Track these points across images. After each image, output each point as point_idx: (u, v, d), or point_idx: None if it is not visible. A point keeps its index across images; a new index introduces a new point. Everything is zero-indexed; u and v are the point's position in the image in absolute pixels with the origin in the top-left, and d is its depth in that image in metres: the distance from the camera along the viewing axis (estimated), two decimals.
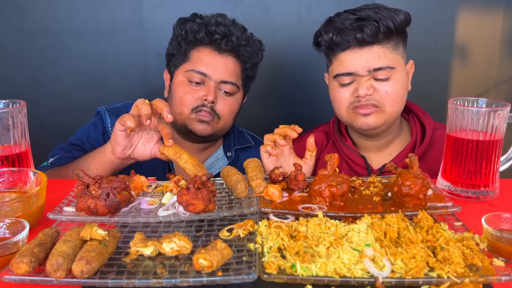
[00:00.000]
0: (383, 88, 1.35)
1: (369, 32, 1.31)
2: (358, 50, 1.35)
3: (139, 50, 2.10)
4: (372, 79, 1.35)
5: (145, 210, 1.02)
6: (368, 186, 1.13)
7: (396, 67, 1.36)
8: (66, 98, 2.17)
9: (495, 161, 1.12)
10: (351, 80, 1.38)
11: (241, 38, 1.49)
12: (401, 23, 1.34)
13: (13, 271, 0.76)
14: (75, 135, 1.58)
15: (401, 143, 1.52)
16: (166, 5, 2.05)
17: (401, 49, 1.39)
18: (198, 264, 0.76)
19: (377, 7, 1.35)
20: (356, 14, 1.34)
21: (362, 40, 1.33)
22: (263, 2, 2.05)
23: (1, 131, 1.14)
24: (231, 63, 1.51)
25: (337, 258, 0.78)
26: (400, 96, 1.38)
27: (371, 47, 1.34)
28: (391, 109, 1.37)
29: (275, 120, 2.20)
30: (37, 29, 2.08)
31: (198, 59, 1.49)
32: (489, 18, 2.09)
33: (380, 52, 1.34)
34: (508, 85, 2.18)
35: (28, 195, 0.95)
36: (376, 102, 1.36)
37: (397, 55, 1.37)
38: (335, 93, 1.43)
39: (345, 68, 1.37)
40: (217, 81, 1.48)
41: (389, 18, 1.32)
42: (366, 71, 1.34)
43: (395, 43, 1.37)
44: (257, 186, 1.06)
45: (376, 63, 1.34)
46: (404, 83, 1.40)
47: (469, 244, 0.82)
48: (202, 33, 1.47)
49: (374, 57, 1.34)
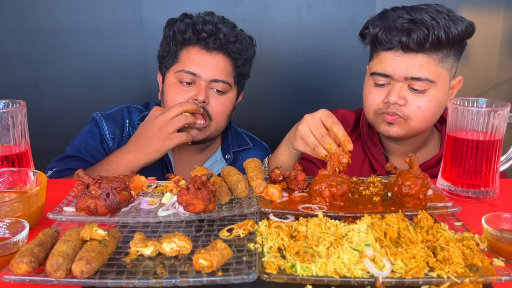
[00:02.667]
0: (416, 102, 1.28)
1: (415, 39, 1.23)
2: (401, 54, 1.27)
3: (139, 50, 2.10)
4: (407, 88, 1.29)
5: (145, 210, 1.02)
6: (368, 186, 1.13)
7: (436, 82, 1.27)
8: (66, 98, 2.17)
9: (495, 161, 1.12)
10: (386, 81, 1.32)
11: (229, 35, 1.47)
12: (457, 36, 1.25)
13: (13, 271, 0.76)
14: (72, 146, 1.55)
15: (429, 152, 1.46)
16: (166, 5, 2.05)
17: (449, 63, 1.30)
18: (198, 264, 0.76)
19: (438, 11, 1.25)
20: (412, 14, 1.25)
21: (406, 45, 1.25)
22: (263, 2, 2.05)
23: (1, 131, 1.14)
24: (221, 61, 1.49)
25: (337, 258, 0.78)
26: (432, 113, 1.31)
27: (415, 55, 1.26)
28: (418, 125, 1.32)
29: (275, 120, 2.22)
30: (37, 30, 2.08)
31: (187, 59, 1.48)
32: (489, 18, 2.09)
33: (423, 61, 1.26)
34: (508, 85, 2.18)
35: (28, 195, 0.95)
36: (403, 115, 1.30)
37: (442, 69, 1.28)
38: (368, 91, 1.37)
39: (383, 69, 1.30)
40: (208, 80, 1.46)
41: (444, 28, 1.23)
42: (403, 77, 1.28)
43: (444, 55, 1.27)
44: (257, 186, 1.06)
45: (415, 72, 1.26)
46: (441, 100, 1.31)
47: (469, 244, 0.82)
48: (190, 32, 1.46)
49: (415, 65, 1.26)
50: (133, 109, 1.64)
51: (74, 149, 1.53)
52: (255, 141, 1.75)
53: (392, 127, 1.34)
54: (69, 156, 1.51)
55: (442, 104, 1.34)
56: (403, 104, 1.30)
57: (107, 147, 1.56)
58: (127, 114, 1.61)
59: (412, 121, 1.31)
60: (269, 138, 1.86)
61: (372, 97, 1.35)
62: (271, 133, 2.08)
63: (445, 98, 1.33)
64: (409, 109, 1.30)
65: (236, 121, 1.80)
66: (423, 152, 1.47)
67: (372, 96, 1.35)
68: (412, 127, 1.33)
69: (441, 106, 1.33)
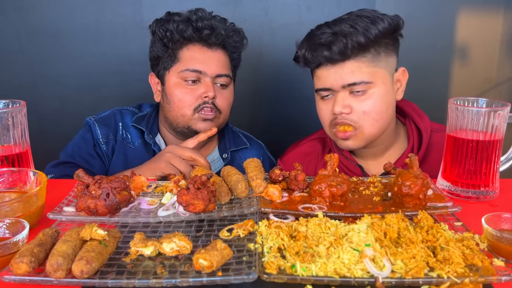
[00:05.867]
0: (360, 108, 1.31)
1: (336, 50, 1.27)
2: (331, 66, 1.31)
3: (139, 50, 2.10)
4: (349, 95, 1.32)
5: (145, 210, 1.02)
6: (368, 186, 1.13)
7: (373, 81, 1.30)
8: (66, 98, 2.17)
9: (495, 161, 1.12)
10: (329, 93, 1.35)
11: (227, 30, 1.49)
12: (379, 34, 1.28)
13: (13, 271, 0.76)
14: (65, 152, 1.54)
15: (398, 149, 1.48)
16: (166, 5, 2.05)
17: (382, 60, 1.32)
18: (198, 264, 0.76)
19: (358, 16, 1.29)
20: (332, 28, 1.30)
21: (331, 58, 1.29)
22: (263, 2, 2.05)
23: (1, 131, 1.14)
24: (221, 56, 1.51)
25: (337, 258, 0.78)
26: (380, 113, 1.33)
27: (344, 63, 1.30)
28: (371, 129, 1.34)
29: (274, 120, 2.22)
30: (37, 30, 2.08)
31: (190, 57, 1.48)
32: (489, 18, 2.09)
33: (353, 67, 1.29)
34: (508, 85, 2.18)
35: (28, 195, 0.95)
36: (353, 122, 1.32)
37: (376, 68, 1.31)
38: (318, 107, 1.42)
39: (322, 84, 1.35)
40: (213, 76, 1.48)
41: (363, 32, 1.26)
42: (341, 86, 1.31)
43: (373, 55, 1.30)
44: (257, 186, 1.06)
45: (349, 79, 1.29)
46: (387, 98, 1.34)
47: (469, 244, 0.82)
48: (190, 30, 1.46)
49: (347, 73, 1.29)
50: (126, 112, 1.64)
51: (67, 155, 1.53)
52: (251, 140, 1.75)
53: (348, 142, 1.36)
54: (63, 162, 1.51)
55: (389, 101, 1.35)
56: (349, 112, 1.32)
57: (100, 152, 1.56)
58: (119, 117, 1.61)
59: (364, 127, 1.33)
60: (268, 138, 1.86)
61: (323, 112, 1.39)
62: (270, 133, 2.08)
63: (390, 94, 1.36)
64: (356, 116, 1.32)
65: (235, 121, 1.80)
66: (394, 149, 1.48)
67: (323, 112, 1.39)
68: (366, 134, 1.34)
69: (388, 103, 1.35)
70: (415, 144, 1.43)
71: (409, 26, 1.67)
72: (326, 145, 1.56)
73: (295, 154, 1.57)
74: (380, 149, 1.46)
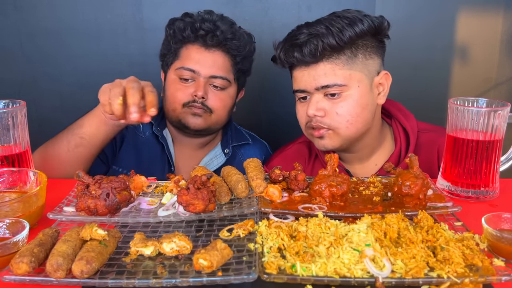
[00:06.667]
0: (334, 110, 1.29)
1: (307, 52, 1.25)
2: (304, 68, 1.30)
3: (139, 50, 2.10)
4: (324, 97, 1.30)
5: (145, 210, 1.02)
6: (368, 186, 1.13)
7: (348, 84, 1.27)
8: (66, 98, 2.17)
9: (495, 161, 1.12)
10: (305, 95, 1.34)
11: (226, 32, 1.49)
12: (354, 36, 1.25)
13: (13, 271, 0.76)
14: None
15: (385, 151, 1.45)
16: (166, 5, 2.05)
17: (359, 63, 1.29)
18: (198, 264, 0.76)
19: (338, 16, 1.27)
20: (309, 29, 1.28)
21: (302, 60, 1.28)
22: (263, 2, 2.05)
23: (1, 131, 1.14)
24: (219, 58, 1.51)
25: (337, 258, 0.78)
26: (354, 117, 1.29)
27: (317, 65, 1.28)
28: (346, 131, 1.31)
29: (275, 121, 2.22)
30: (37, 29, 2.08)
31: (187, 56, 1.51)
32: (489, 18, 2.09)
33: (326, 69, 1.27)
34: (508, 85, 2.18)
35: (28, 195, 0.95)
36: (327, 125, 1.31)
37: (351, 71, 1.28)
38: (296, 109, 1.41)
39: (297, 85, 1.34)
40: (206, 77, 1.49)
41: (337, 33, 1.23)
42: (314, 88, 1.29)
43: (348, 57, 1.27)
44: (257, 186, 1.06)
45: (322, 81, 1.27)
46: (362, 100, 1.29)
47: (469, 244, 0.82)
48: (188, 30, 1.49)
49: (320, 75, 1.27)
50: None
51: None
52: (255, 138, 1.77)
53: (324, 140, 1.34)
54: None
55: (365, 104, 1.31)
56: (323, 116, 1.30)
57: None
58: None
59: (339, 129, 1.31)
60: (269, 138, 1.86)
61: (300, 114, 1.39)
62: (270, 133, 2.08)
63: (367, 97, 1.31)
64: (330, 119, 1.30)
65: (236, 120, 1.80)
66: (381, 152, 1.45)
67: (300, 113, 1.39)
68: (342, 135, 1.32)
69: (364, 107, 1.31)
70: (403, 145, 1.40)
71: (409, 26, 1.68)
72: (313, 149, 1.53)
73: (281, 159, 1.56)
74: (366, 153, 1.44)
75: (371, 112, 1.34)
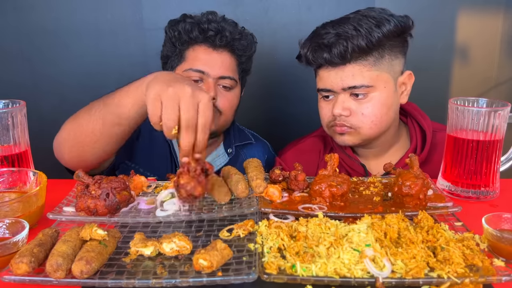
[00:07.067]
0: (360, 111, 1.30)
1: (336, 53, 1.25)
2: (332, 68, 1.30)
3: (139, 50, 2.10)
4: (350, 97, 1.30)
5: (145, 210, 1.02)
6: (368, 186, 1.13)
7: (375, 85, 1.28)
8: (66, 98, 2.17)
9: (495, 161, 1.12)
10: (330, 94, 1.35)
11: (234, 32, 1.49)
12: (382, 38, 1.25)
13: (12, 271, 0.76)
14: None
15: (401, 148, 1.48)
16: (166, 5, 2.05)
17: (385, 64, 1.29)
18: (198, 264, 0.76)
19: (364, 16, 1.26)
20: (336, 28, 1.27)
21: (330, 61, 1.27)
22: (263, 2, 2.05)
23: (1, 131, 1.14)
24: (227, 58, 1.51)
25: (337, 258, 0.78)
26: (379, 117, 1.31)
27: (345, 66, 1.28)
28: (368, 131, 1.33)
29: (275, 121, 2.22)
30: (37, 29, 2.08)
31: (194, 57, 1.49)
32: (489, 18, 2.09)
33: (354, 70, 1.27)
34: (508, 85, 2.18)
35: (28, 195, 0.95)
36: (350, 125, 1.32)
37: (377, 72, 1.28)
38: (320, 107, 1.41)
39: (323, 84, 1.34)
40: (216, 77, 1.48)
41: (365, 35, 1.23)
42: (341, 88, 1.30)
43: (376, 59, 1.27)
44: (257, 186, 1.06)
45: (350, 82, 1.28)
46: (387, 101, 1.31)
47: (469, 244, 0.82)
48: (196, 31, 1.47)
49: (348, 76, 1.28)
50: None
51: None
52: (257, 138, 1.77)
53: (344, 137, 1.36)
54: None
55: (390, 104, 1.33)
56: (348, 115, 1.31)
57: None
58: None
59: (362, 129, 1.33)
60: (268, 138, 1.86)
61: (323, 112, 1.39)
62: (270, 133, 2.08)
63: (392, 97, 1.33)
64: (355, 119, 1.31)
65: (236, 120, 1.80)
66: (396, 149, 1.47)
67: (323, 111, 1.39)
68: (363, 134, 1.34)
69: (389, 107, 1.32)
70: (419, 143, 1.43)
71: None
72: (327, 142, 1.55)
73: (295, 151, 1.56)
74: (383, 149, 1.46)
75: (395, 112, 1.37)
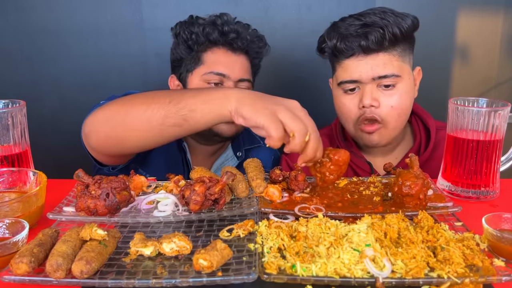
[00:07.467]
0: (388, 102, 1.32)
1: (374, 39, 1.27)
2: (363, 57, 1.31)
3: (139, 50, 2.10)
4: (376, 88, 1.32)
5: (144, 210, 1.02)
6: (368, 186, 1.13)
7: (402, 75, 1.32)
8: (66, 98, 2.17)
9: (495, 161, 1.12)
10: (355, 86, 1.35)
11: (252, 35, 1.50)
12: (408, 29, 1.30)
13: (12, 271, 0.76)
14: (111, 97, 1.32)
15: (405, 146, 1.50)
16: (166, 5, 2.05)
17: (407, 56, 1.35)
18: (198, 264, 0.76)
19: (383, 11, 1.30)
20: (361, 19, 1.30)
21: (367, 48, 1.29)
22: (263, 2, 2.05)
23: (1, 131, 1.14)
24: (244, 61, 1.51)
25: (337, 258, 0.78)
26: (405, 108, 1.35)
27: (377, 55, 1.30)
28: (395, 123, 1.35)
29: None
30: (37, 29, 2.08)
31: (214, 60, 1.47)
32: (489, 18, 2.09)
33: (385, 59, 1.31)
34: (509, 85, 2.18)
35: (28, 195, 0.95)
36: (379, 117, 1.33)
37: (403, 63, 1.33)
38: (340, 102, 1.39)
39: (350, 75, 1.34)
40: (235, 80, 1.48)
41: (396, 25, 1.28)
42: (371, 78, 1.31)
43: (402, 50, 1.33)
44: (257, 186, 1.06)
45: (381, 71, 1.30)
46: (410, 93, 1.36)
47: (469, 244, 0.82)
48: (216, 34, 1.46)
49: (379, 65, 1.30)
50: None
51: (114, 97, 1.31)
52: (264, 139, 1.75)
53: (373, 136, 1.37)
54: None
55: (412, 97, 1.38)
56: (378, 106, 1.32)
57: None
58: None
59: (389, 123, 1.34)
60: None
61: (347, 107, 1.37)
62: None
63: (413, 90, 1.38)
64: (384, 111, 1.33)
65: None
66: (401, 147, 1.50)
67: (347, 107, 1.37)
68: (390, 129, 1.36)
69: (411, 99, 1.37)
70: (423, 141, 1.44)
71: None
72: (334, 141, 1.55)
73: None
74: (390, 147, 1.48)
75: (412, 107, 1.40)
